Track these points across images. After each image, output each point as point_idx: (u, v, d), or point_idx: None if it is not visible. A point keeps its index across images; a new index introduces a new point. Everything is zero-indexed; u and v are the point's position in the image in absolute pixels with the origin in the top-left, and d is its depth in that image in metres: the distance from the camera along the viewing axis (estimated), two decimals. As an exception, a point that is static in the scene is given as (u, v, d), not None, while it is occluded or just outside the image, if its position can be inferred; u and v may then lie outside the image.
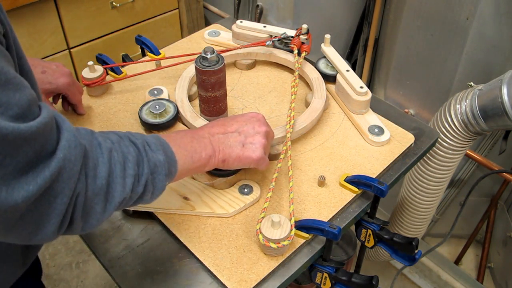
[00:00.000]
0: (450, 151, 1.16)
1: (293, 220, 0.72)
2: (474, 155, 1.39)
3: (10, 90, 0.44)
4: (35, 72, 0.81)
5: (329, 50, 1.02)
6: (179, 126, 0.91)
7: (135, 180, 0.57)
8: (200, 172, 0.73)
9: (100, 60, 1.04)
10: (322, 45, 1.03)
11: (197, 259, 0.72)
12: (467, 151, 1.36)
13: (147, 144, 0.60)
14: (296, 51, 1.01)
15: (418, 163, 1.22)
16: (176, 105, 0.92)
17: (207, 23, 2.23)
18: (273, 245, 0.69)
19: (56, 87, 0.85)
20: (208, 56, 0.81)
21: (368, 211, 0.82)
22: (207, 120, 0.89)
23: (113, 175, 0.55)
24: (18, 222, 0.46)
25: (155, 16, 1.95)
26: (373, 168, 0.85)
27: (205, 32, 1.18)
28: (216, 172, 0.80)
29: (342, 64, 0.98)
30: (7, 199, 0.43)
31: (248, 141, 0.72)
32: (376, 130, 0.90)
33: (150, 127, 0.89)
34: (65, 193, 0.48)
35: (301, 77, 1.03)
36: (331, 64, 1.01)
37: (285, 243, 0.69)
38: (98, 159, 0.54)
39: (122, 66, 1.06)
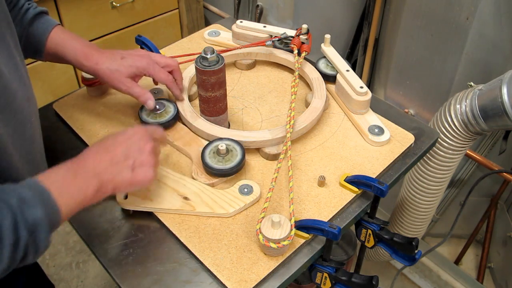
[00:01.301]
0: (450, 151, 1.16)
1: (293, 220, 0.72)
2: (474, 155, 1.39)
3: None
4: (114, 59, 0.84)
5: (329, 50, 1.02)
6: (179, 126, 0.91)
7: (13, 249, 0.51)
8: (89, 205, 0.64)
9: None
10: (322, 45, 1.03)
11: (197, 259, 0.72)
12: (467, 151, 1.36)
13: (22, 200, 0.53)
14: (296, 51, 1.01)
15: (418, 163, 1.22)
16: (176, 105, 0.92)
17: (207, 23, 2.23)
18: (273, 245, 0.69)
19: (136, 69, 0.85)
20: (208, 56, 0.81)
21: (368, 211, 0.82)
22: (207, 120, 0.89)
23: None
24: None
25: (155, 16, 1.95)
26: (373, 168, 0.85)
27: (205, 32, 1.18)
28: (216, 172, 0.80)
29: (342, 64, 0.98)
30: None
31: (137, 164, 0.66)
32: (376, 130, 0.90)
33: (150, 127, 0.89)
34: None
35: (301, 77, 1.03)
36: (331, 64, 1.01)
37: (285, 243, 0.69)
38: None
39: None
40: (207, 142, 0.84)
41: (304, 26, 1.02)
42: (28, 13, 0.81)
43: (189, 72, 0.99)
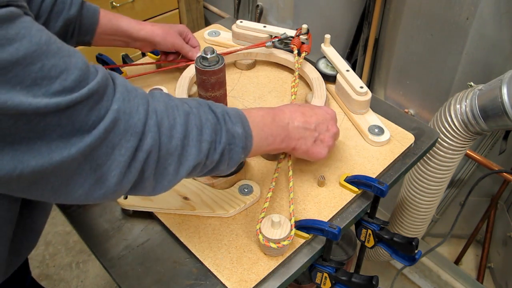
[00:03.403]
0: (450, 151, 1.16)
1: (293, 220, 0.72)
2: (474, 155, 1.39)
3: (65, 57, 0.45)
4: (163, 25, 0.98)
5: (329, 50, 1.02)
6: (179, 126, 0.91)
7: (211, 147, 0.57)
8: (271, 153, 0.75)
9: (100, 60, 1.04)
10: (322, 45, 1.03)
11: (197, 259, 0.72)
12: (467, 151, 1.36)
13: (227, 114, 0.61)
14: (296, 51, 1.01)
15: (418, 163, 1.22)
16: (176, 105, 0.92)
17: (207, 23, 2.23)
18: (273, 245, 0.69)
19: (183, 27, 1.02)
20: (208, 56, 0.81)
21: (368, 211, 0.82)
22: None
23: (189, 137, 0.55)
24: (76, 173, 0.47)
25: (155, 16, 1.95)
26: (373, 168, 0.85)
27: (205, 32, 1.18)
28: (216, 172, 0.80)
29: (342, 64, 0.98)
30: (69, 152, 0.45)
31: (320, 138, 0.74)
32: (376, 130, 0.90)
33: (150, 127, 0.89)
34: (123, 145, 0.49)
35: (301, 77, 1.03)
36: (331, 64, 1.01)
37: (285, 243, 0.69)
38: (176, 119, 0.55)
39: (122, 67, 1.06)
40: (207, 142, 0.84)
41: (304, 26, 1.02)
42: None
43: (189, 72, 0.99)
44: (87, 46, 0.93)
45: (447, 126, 1.14)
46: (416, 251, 0.79)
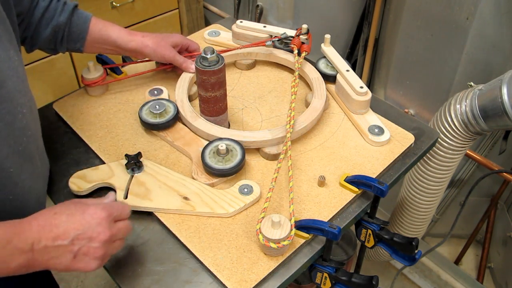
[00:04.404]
0: (450, 151, 1.16)
1: (293, 220, 0.72)
2: (474, 155, 1.38)
3: None
4: (156, 34, 0.96)
5: (329, 50, 1.02)
6: (179, 126, 0.91)
7: None
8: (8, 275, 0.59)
9: (100, 60, 1.04)
10: (322, 45, 1.03)
11: (197, 259, 0.72)
12: (467, 151, 1.36)
13: None
14: (296, 51, 1.01)
15: (418, 163, 1.22)
16: (176, 105, 0.92)
17: (207, 23, 2.23)
18: (273, 245, 0.69)
19: (178, 38, 0.99)
20: (208, 56, 0.81)
21: (368, 211, 0.82)
22: (207, 120, 0.89)
23: None
24: None
25: (155, 16, 1.95)
26: (373, 168, 0.85)
27: (205, 32, 1.18)
28: (216, 172, 0.80)
29: (342, 64, 0.98)
30: None
31: (81, 252, 0.60)
32: (376, 130, 0.90)
33: (150, 127, 0.89)
34: None
35: (301, 77, 1.03)
36: (331, 64, 1.01)
37: (285, 243, 0.69)
38: None
39: (122, 66, 1.06)
40: (207, 142, 0.84)
41: (304, 26, 1.02)
42: (67, 5, 0.88)
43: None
44: (78, 53, 0.92)
45: (447, 126, 1.14)
46: (416, 251, 0.79)
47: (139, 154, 0.82)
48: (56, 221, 0.60)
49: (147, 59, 1.07)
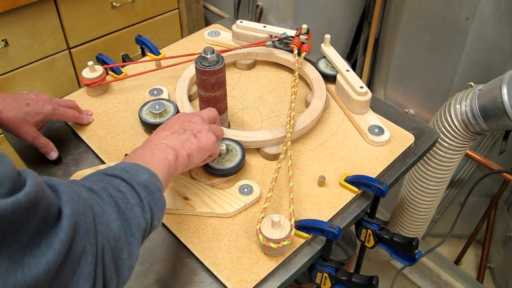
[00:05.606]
0: (450, 151, 1.16)
1: (293, 220, 0.72)
2: (474, 155, 1.39)
3: None
4: (20, 106, 0.80)
5: (329, 50, 1.02)
6: (179, 126, 0.91)
7: (141, 208, 0.53)
8: (174, 177, 0.67)
9: (100, 60, 1.04)
10: (322, 45, 1.03)
11: (197, 259, 0.72)
12: (467, 151, 1.36)
13: (125, 170, 0.56)
14: (296, 51, 1.01)
15: (418, 163, 1.22)
16: (176, 105, 0.92)
17: (207, 23, 2.23)
18: (273, 245, 0.69)
19: (44, 115, 0.83)
20: (208, 56, 0.80)
21: (368, 211, 0.82)
22: (207, 120, 0.89)
23: (122, 211, 0.51)
24: None
25: (155, 16, 1.95)
26: (373, 168, 0.85)
27: (205, 32, 1.18)
28: (216, 172, 0.80)
29: (342, 64, 0.98)
30: (25, 280, 0.37)
31: (196, 132, 0.70)
32: (376, 130, 0.90)
33: (150, 127, 0.89)
34: (88, 251, 0.44)
35: (301, 77, 1.03)
36: (331, 64, 1.01)
37: (285, 243, 0.69)
38: (99, 202, 0.50)
39: (122, 66, 1.06)
40: (207, 142, 0.84)
41: (304, 26, 1.02)
42: None
43: (189, 72, 0.99)
44: None
45: (447, 126, 1.14)
46: (416, 251, 0.79)
47: (139, 154, 0.82)
48: (160, 128, 0.70)
49: (147, 59, 1.07)
